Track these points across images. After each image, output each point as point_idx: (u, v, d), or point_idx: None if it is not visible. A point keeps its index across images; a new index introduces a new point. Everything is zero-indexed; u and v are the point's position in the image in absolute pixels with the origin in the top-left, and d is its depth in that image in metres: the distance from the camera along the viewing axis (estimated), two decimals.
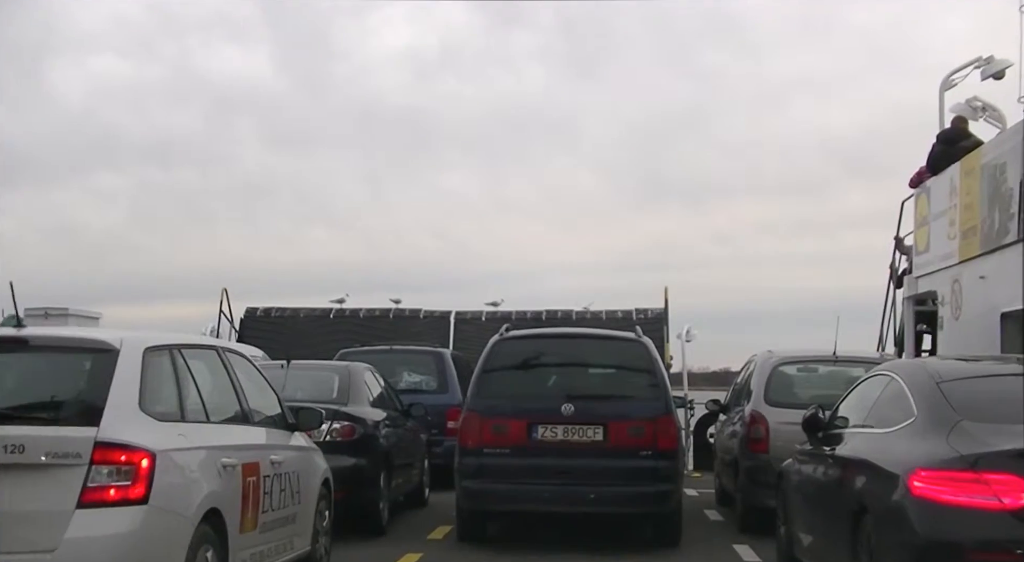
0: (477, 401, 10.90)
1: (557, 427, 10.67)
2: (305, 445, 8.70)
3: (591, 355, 11.36)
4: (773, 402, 12.08)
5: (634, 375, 11.19)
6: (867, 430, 7.63)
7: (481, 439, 10.73)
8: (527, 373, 11.22)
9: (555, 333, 11.74)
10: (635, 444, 10.63)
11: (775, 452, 11.69)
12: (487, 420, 10.76)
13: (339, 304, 23.44)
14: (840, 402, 8.83)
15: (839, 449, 7.86)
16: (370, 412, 11.90)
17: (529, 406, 10.81)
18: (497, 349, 11.14)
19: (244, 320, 23.04)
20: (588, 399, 10.88)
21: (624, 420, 10.71)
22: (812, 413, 8.64)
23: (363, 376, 12.38)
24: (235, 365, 7.71)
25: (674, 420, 10.92)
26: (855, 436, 7.77)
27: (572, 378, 11.22)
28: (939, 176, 14.64)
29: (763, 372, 12.43)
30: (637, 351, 11.06)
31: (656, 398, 10.81)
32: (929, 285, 15.10)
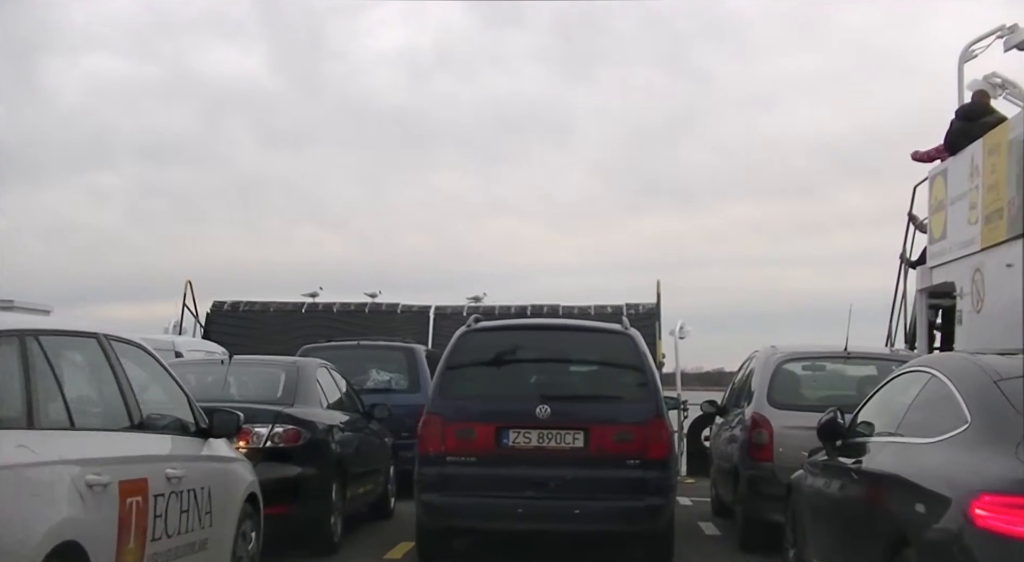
0: (439, 402, 9.40)
1: (531, 432, 9.17)
2: (223, 454, 7.20)
3: (571, 350, 9.86)
4: (777, 404, 10.59)
5: (620, 373, 9.71)
6: (901, 440, 6.13)
7: (443, 446, 9.24)
8: (497, 370, 9.72)
9: (530, 324, 10.23)
10: (621, 452, 9.14)
11: (780, 460, 10.24)
12: (450, 424, 9.27)
13: (312, 298, 21.93)
14: (862, 405, 7.35)
15: (866, 462, 6.35)
16: (321, 414, 10.40)
17: (499, 408, 9.33)
18: (463, 342, 9.65)
19: (210, 315, 21.52)
20: (567, 400, 9.39)
21: (608, 424, 9.23)
22: (830, 418, 7.15)
23: (315, 373, 10.87)
24: (125, 358, 6.19)
25: (666, 424, 9.42)
26: (886, 447, 6.28)
27: (549, 376, 9.73)
28: (958, 155, 13.14)
29: (766, 370, 10.94)
30: (623, 345, 9.56)
31: (645, 399, 9.32)
32: (946, 276, 13.61)
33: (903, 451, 5.98)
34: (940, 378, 5.99)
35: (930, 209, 14.27)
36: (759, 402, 10.68)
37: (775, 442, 10.34)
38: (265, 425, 9.48)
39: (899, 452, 6.02)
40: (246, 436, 9.42)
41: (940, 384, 5.95)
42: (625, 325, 9.80)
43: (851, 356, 11.05)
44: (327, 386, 11.11)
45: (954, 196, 13.21)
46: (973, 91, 13.76)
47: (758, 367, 11.18)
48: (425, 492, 9.33)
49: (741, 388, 11.94)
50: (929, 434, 5.76)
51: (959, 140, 13.15)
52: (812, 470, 7.77)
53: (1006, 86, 14.46)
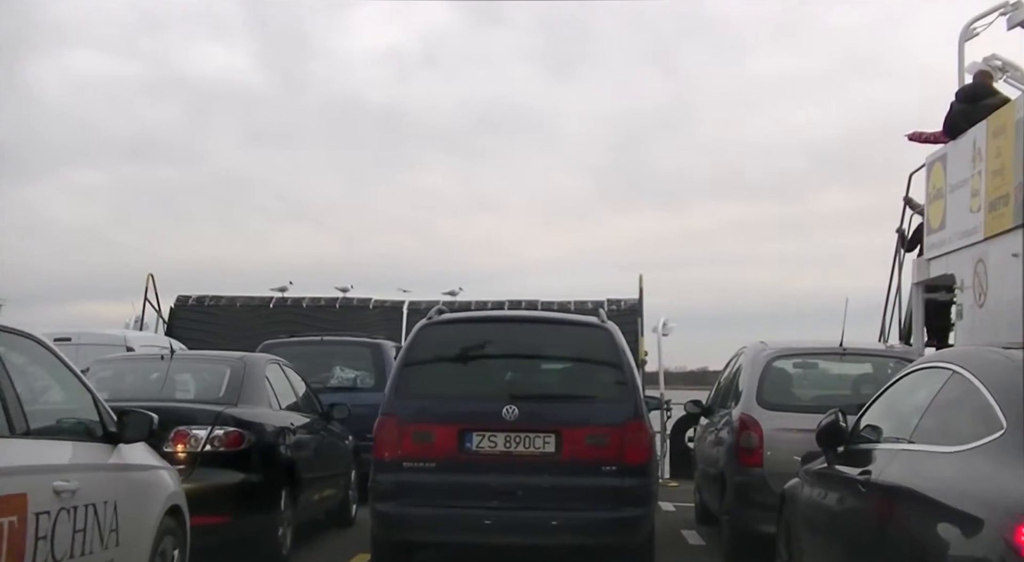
0: (395, 402, 8.46)
1: (497, 435, 8.24)
2: (137, 462, 6.24)
3: (542, 345, 8.91)
4: (768, 404, 9.68)
5: (596, 369, 8.78)
6: (918, 447, 5.20)
7: (400, 450, 8.30)
8: (460, 367, 8.78)
9: (496, 317, 9.27)
10: (596, 457, 8.22)
11: (771, 465, 9.34)
12: (408, 426, 8.33)
13: (281, 293, 20.93)
14: (867, 407, 6.42)
15: (876, 473, 5.42)
16: (268, 415, 9.45)
17: (462, 408, 8.40)
18: (422, 337, 8.71)
19: (174, 310, 20.50)
20: (537, 400, 8.47)
21: (582, 426, 8.31)
22: (832, 421, 6.23)
23: (263, 370, 9.91)
24: (12, 352, 5.23)
25: (645, 426, 8.48)
26: (899, 456, 5.34)
27: (517, 373, 8.80)
28: (959, 139, 12.24)
29: (755, 367, 10.02)
30: (599, 340, 8.64)
31: (623, 399, 8.40)
32: (944, 268, 12.71)
33: (921, 461, 5.05)
34: (965, 376, 5.06)
35: (927, 198, 13.37)
36: (748, 402, 9.77)
37: (765, 446, 9.43)
38: (204, 427, 8.54)
39: (916, 462, 5.09)
40: (183, 439, 8.50)
41: (965, 383, 5.02)
42: (602, 318, 8.88)
43: (847, 353, 10.15)
44: (278, 384, 10.15)
45: (954, 183, 12.31)
46: (975, 71, 12.87)
47: (746, 364, 10.27)
48: (380, 501, 8.39)
49: (728, 387, 11.03)
50: (953, 441, 4.84)
51: (960, 123, 12.24)
52: (809, 479, 6.85)
53: (1007, 69, 13.59)
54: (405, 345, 8.75)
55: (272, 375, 10.06)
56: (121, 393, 9.48)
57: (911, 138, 13.60)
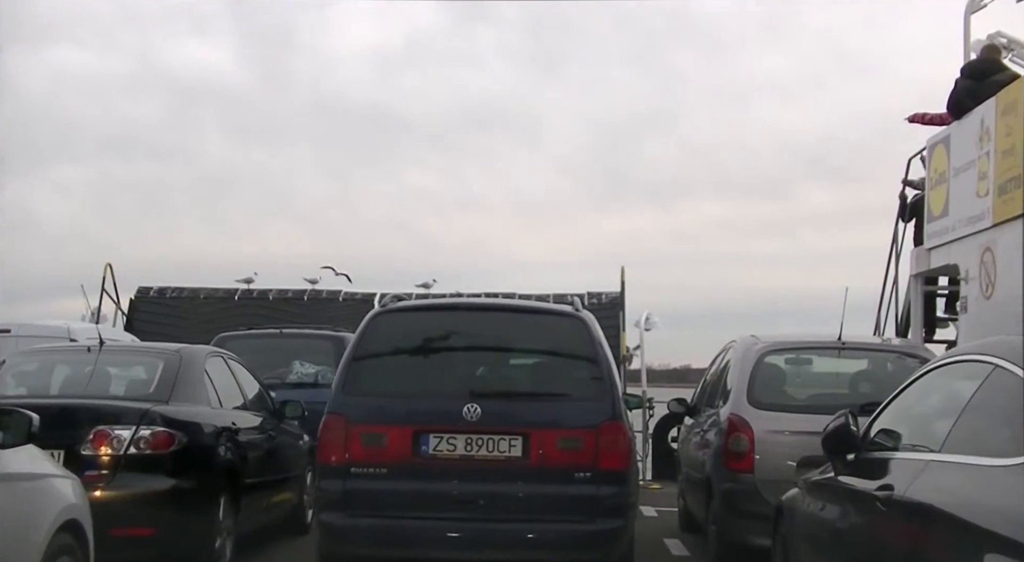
0: (342, 400, 7.48)
1: (457, 437, 7.27)
2: (17, 470, 5.23)
3: (509, 336, 7.92)
4: (759, 403, 8.73)
5: (569, 364, 7.82)
6: (954, 458, 4.23)
7: (347, 454, 7.32)
8: (416, 360, 7.80)
9: (457, 304, 8.26)
10: (568, 462, 7.26)
11: (762, 471, 8.41)
12: (356, 426, 7.35)
13: (246, 284, 19.89)
14: (882, 408, 5.46)
15: (901, 488, 4.44)
16: (206, 413, 8.45)
17: (417, 407, 7.43)
18: (374, 327, 7.73)
19: (134, 302, 19.45)
20: (502, 398, 7.50)
21: (553, 428, 7.34)
22: (841, 424, 5.26)
23: (202, 364, 8.89)
24: None
25: (624, 428, 7.51)
26: (929, 468, 4.37)
27: (480, 368, 7.83)
28: (964, 119, 11.32)
29: (745, 363, 9.06)
30: (573, 330, 7.66)
31: (599, 397, 7.43)
32: (947, 258, 11.79)
33: (959, 475, 4.09)
34: (1012, 371, 4.10)
35: (928, 183, 12.45)
36: (737, 401, 8.81)
37: (757, 450, 8.48)
38: (128, 427, 7.55)
39: (952, 476, 4.13)
40: (103, 440, 7.51)
41: (1012, 379, 4.07)
42: (576, 306, 7.91)
43: (847, 347, 9.20)
44: (221, 380, 9.14)
45: (959, 166, 11.38)
46: (982, 46, 11.94)
47: (736, 360, 9.31)
48: (326, 511, 7.41)
49: (715, 385, 10.07)
50: (999, 451, 3.89)
51: (965, 101, 11.31)
52: (812, 490, 5.90)
53: (1012, 46, 12.68)
54: (355, 336, 7.77)
55: (213, 369, 9.06)
56: (40, 388, 8.53)
57: (911, 120, 12.67)
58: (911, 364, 9.40)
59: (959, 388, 4.55)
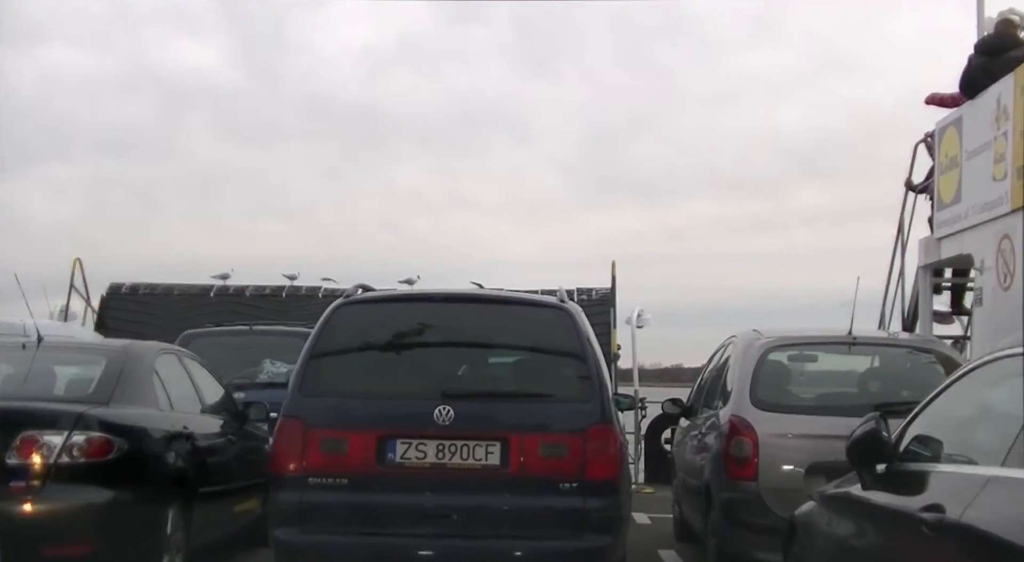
0: (299, 401, 6.64)
1: (427, 443, 6.44)
2: None
3: (486, 330, 7.07)
4: (763, 404, 7.89)
5: (553, 362, 6.99)
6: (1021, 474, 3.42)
7: (304, 462, 6.49)
8: (383, 357, 6.96)
9: (429, 295, 7.42)
10: (553, 471, 6.44)
11: (767, 479, 7.60)
12: (314, 431, 6.52)
13: (222, 281, 19.04)
14: (917, 412, 4.64)
15: (954, 509, 3.60)
16: (152, 416, 7.60)
17: (383, 410, 6.60)
18: (337, 319, 6.90)
19: (106, 299, 18.58)
20: (478, 399, 6.67)
21: (536, 432, 6.52)
22: (871, 429, 4.43)
23: (151, 362, 8.03)
24: None
25: (614, 432, 6.68)
26: (991, 485, 3.53)
27: (454, 365, 7.00)
28: (979, 98, 10.51)
29: (747, 360, 8.22)
30: (558, 324, 6.84)
31: (587, 397, 6.60)
32: (959, 247, 10.99)
33: None
34: None
35: (938, 169, 11.64)
36: (739, 402, 7.98)
37: (761, 455, 7.65)
38: (60, 432, 6.70)
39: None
40: (32, 447, 6.67)
41: None
42: (561, 297, 7.08)
43: (857, 342, 8.37)
44: (173, 379, 8.29)
45: (972, 148, 10.57)
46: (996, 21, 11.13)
47: (737, 357, 8.47)
48: (280, 526, 6.58)
49: (713, 384, 9.24)
50: None
51: (980, 79, 10.51)
52: (832, 505, 5.07)
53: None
54: (314, 331, 6.93)
55: (165, 368, 8.20)
56: None
57: (928, 101, 11.82)
58: (927, 360, 8.62)
59: (1016, 389, 3.72)
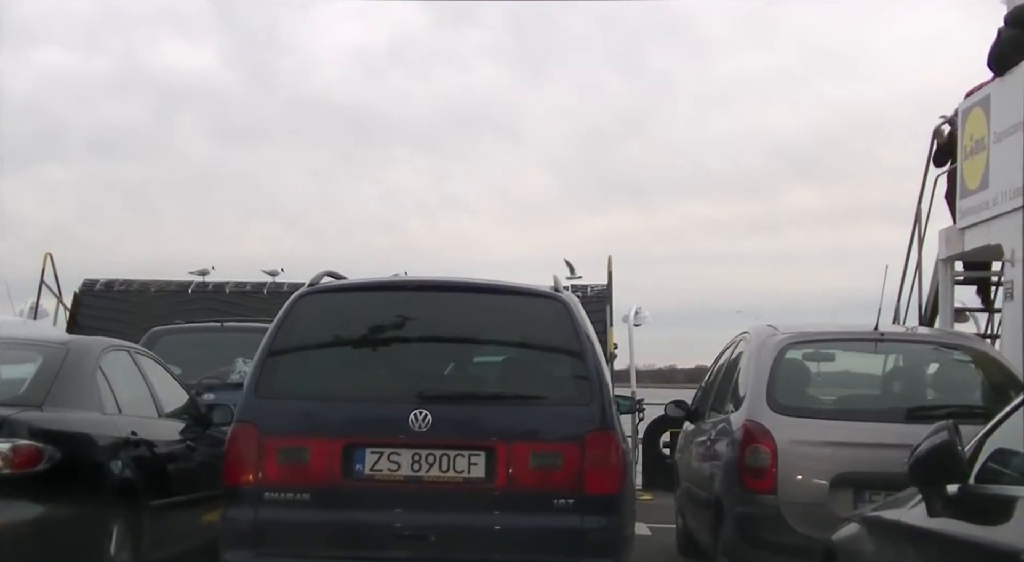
0: (254, 404, 5.74)
1: (400, 453, 5.55)
2: None
3: (470, 323, 6.17)
4: (782, 407, 7.00)
5: (547, 358, 6.10)
6: None
7: (260, 474, 5.59)
8: (350, 354, 6.07)
9: (404, 283, 6.47)
10: (546, 484, 5.55)
11: (787, 492, 6.72)
12: (271, 438, 5.63)
13: (201, 277, 18.11)
14: (998, 421, 3.76)
15: None
16: (93, 421, 6.68)
17: (350, 414, 5.72)
18: (299, 311, 6.02)
19: (79, 296, 17.64)
20: (460, 401, 5.78)
21: (526, 440, 5.63)
22: (944, 441, 3.54)
23: (95, 360, 7.11)
24: None
25: (616, 440, 5.78)
26: None
27: (433, 364, 6.10)
28: (1010, 74, 9.66)
29: (763, 359, 7.32)
30: (552, 316, 5.94)
31: (585, 399, 5.71)
32: (986, 237, 10.14)
33: None
34: None
35: (961, 153, 10.78)
36: (754, 405, 7.08)
37: (780, 464, 6.76)
38: None
39: None
40: None
41: None
42: (556, 285, 6.19)
43: (885, 339, 7.48)
44: (123, 380, 7.38)
45: (1001, 130, 9.72)
46: None
47: (751, 355, 7.58)
48: (231, 549, 5.68)
49: (723, 385, 8.35)
50: None
51: (1010, 54, 9.65)
52: (884, 533, 4.19)
53: None
54: (273, 323, 6.04)
55: (113, 367, 7.29)
56: None
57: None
58: (961, 358, 7.74)
59: None
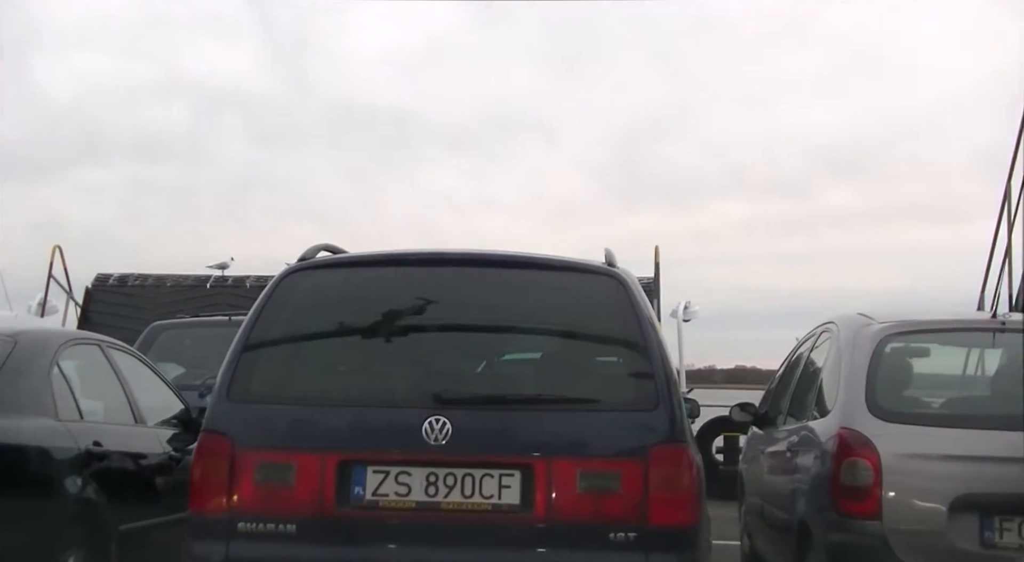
0: (226, 410, 4.46)
1: (412, 473, 4.26)
2: None
3: (502, 307, 4.82)
4: (886, 412, 5.64)
5: (599, 351, 4.79)
6: None
7: (232, 499, 4.32)
8: (348, 347, 4.76)
9: (418, 256, 5.03)
10: (598, 514, 4.24)
11: (895, 517, 5.40)
12: (247, 454, 4.35)
13: (220, 271, 16.97)
14: None
15: None
16: (44, 430, 5.46)
17: (347, 423, 4.42)
18: (285, 293, 4.74)
19: (91, 291, 16.55)
20: (488, 406, 4.45)
21: (574, 456, 4.31)
22: None
23: (51, 357, 5.86)
24: None
25: (691, 456, 4.44)
26: None
27: (454, 358, 4.76)
28: None
29: (859, 353, 5.96)
30: (607, 297, 4.63)
31: (649, 404, 4.38)
32: None
33: None
34: None
35: None
36: (851, 409, 5.72)
37: (886, 483, 5.42)
38: None
39: None
40: None
41: None
42: (610, 259, 4.90)
43: (1007, 328, 6.12)
44: (89, 380, 6.17)
45: None
46: None
47: (842, 349, 6.21)
48: None
49: (803, 386, 7.02)
50: None
51: None
52: None
53: None
54: (253, 308, 4.77)
55: (75, 365, 6.08)
56: None
57: None
58: None
59: None
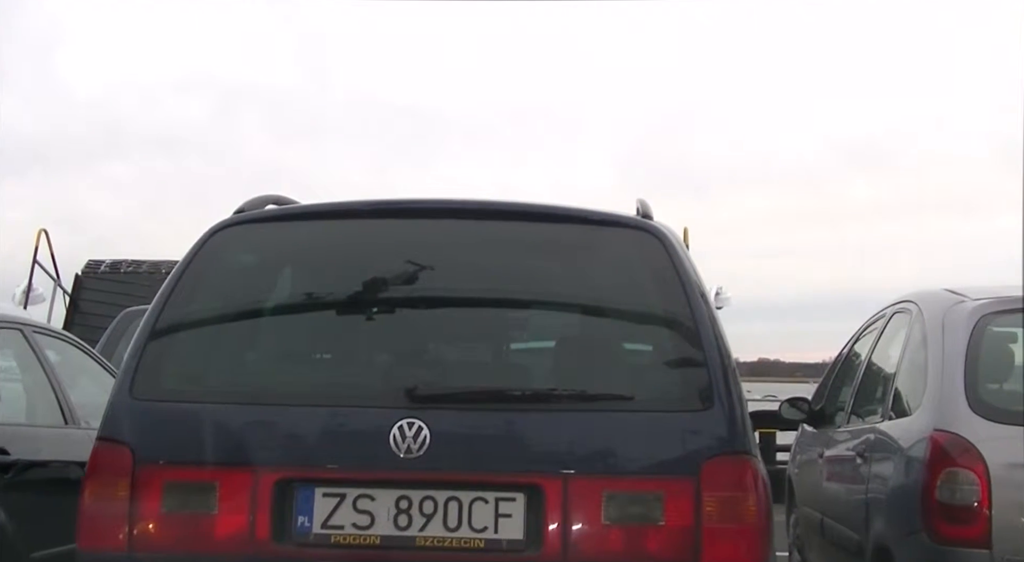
0: (127, 410, 3.29)
1: (376, 495, 3.07)
2: None
3: (500, 273, 3.64)
4: (991, 411, 4.43)
5: (633, 332, 3.56)
6: None
7: (133, 530, 3.15)
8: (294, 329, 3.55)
9: (391, 208, 3.77)
10: (633, 553, 3.05)
11: (1008, 542, 4.23)
12: (153, 469, 3.18)
13: None
14: None
15: None
16: None
17: (290, 426, 3.23)
18: (210, 256, 3.57)
19: (81, 278, 15.45)
20: (479, 405, 3.23)
21: (598, 473, 3.10)
22: None
23: None
24: None
25: (757, 471, 3.24)
26: None
27: (434, 343, 3.52)
28: None
29: (952, 337, 4.74)
30: (642, 259, 3.43)
31: (701, 401, 3.17)
32: None
33: None
34: None
35: None
36: (945, 407, 4.51)
37: (995, 500, 4.22)
38: None
39: None
40: None
41: None
42: (645, 210, 3.70)
43: None
44: (3, 374, 5.04)
45: None
46: None
47: (927, 333, 4.98)
48: None
49: (870, 378, 5.82)
50: None
51: None
52: None
53: None
54: (169, 277, 3.60)
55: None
56: None
57: None
58: None
59: None
